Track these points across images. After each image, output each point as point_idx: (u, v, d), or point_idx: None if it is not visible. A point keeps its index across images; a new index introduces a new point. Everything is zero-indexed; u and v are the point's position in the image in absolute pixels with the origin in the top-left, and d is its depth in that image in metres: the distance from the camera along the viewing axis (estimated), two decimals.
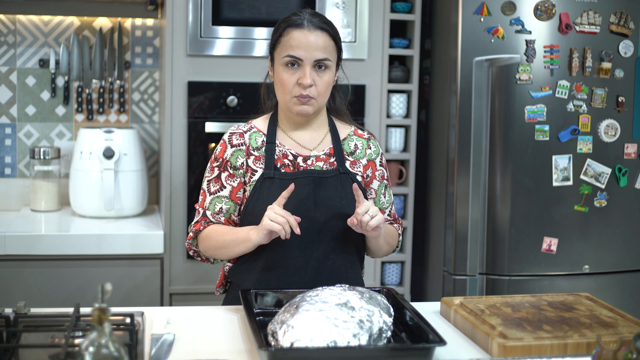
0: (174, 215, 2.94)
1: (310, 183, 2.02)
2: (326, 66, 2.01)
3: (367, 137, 2.16)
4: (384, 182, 2.16)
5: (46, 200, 3.21)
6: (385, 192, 2.17)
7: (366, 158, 2.13)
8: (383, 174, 2.16)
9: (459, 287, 2.98)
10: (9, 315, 1.74)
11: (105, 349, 1.21)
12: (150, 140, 3.42)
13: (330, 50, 2.02)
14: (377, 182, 2.14)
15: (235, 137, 2.09)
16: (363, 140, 2.15)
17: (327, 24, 2.03)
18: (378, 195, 2.15)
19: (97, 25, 3.35)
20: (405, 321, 1.79)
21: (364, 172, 2.12)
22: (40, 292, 2.80)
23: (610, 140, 3.00)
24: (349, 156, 2.11)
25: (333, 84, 2.08)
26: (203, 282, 2.97)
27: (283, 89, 2.02)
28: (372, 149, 2.15)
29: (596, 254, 3.02)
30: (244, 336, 1.77)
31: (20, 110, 3.33)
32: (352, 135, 2.15)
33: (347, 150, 2.11)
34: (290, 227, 1.87)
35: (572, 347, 1.67)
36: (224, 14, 2.92)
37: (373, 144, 2.16)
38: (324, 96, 2.04)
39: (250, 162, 2.06)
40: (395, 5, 3.13)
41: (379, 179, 2.15)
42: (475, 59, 2.91)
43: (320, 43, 2.00)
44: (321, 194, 2.03)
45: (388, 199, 2.18)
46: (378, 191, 2.15)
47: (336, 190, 2.04)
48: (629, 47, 3.00)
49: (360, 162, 2.12)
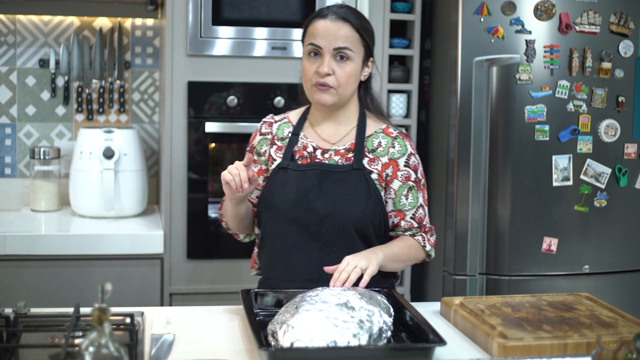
0: (174, 215, 2.94)
1: (317, 175, 2.06)
2: (347, 56, 2.04)
3: (394, 136, 2.12)
4: (409, 184, 2.10)
5: (46, 200, 3.21)
6: (409, 194, 2.10)
7: (388, 156, 2.10)
8: (408, 175, 2.10)
9: (459, 287, 2.98)
10: (9, 315, 1.74)
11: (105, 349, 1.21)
12: (150, 140, 3.42)
13: (352, 41, 2.04)
14: (398, 183, 2.09)
15: (264, 127, 2.20)
16: (389, 139, 2.11)
17: (352, 15, 2.06)
18: (398, 195, 2.09)
19: (97, 25, 3.35)
20: (405, 321, 1.79)
21: (383, 170, 2.09)
22: (40, 292, 2.80)
23: (610, 140, 3.00)
24: (370, 153, 2.10)
25: (357, 76, 2.08)
26: (203, 282, 2.97)
27: (304, 77, 2.08)
28: (397, 148, 2.10)
29: (596, 254, 3.02)
30: (244, 336, 1.77)
31: (20, 110, 3.33)
32: (380, 132, 2.13)
33: (369, 147, 2.10)
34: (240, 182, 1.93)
35: (572, 347, 1.67)
36: (224, 14, 2.92)
37: (399, 144, 2.11)
38: (345, 87, 2.06)
39: (272, 151, 2.15)
40: (395, 5, 3.13)
41: (402, 179, 2.09)
42: (475, 59, 2.91)
43: (341, 33, 2.03)
44: (326, 187, 2.05)
45: (411, 201, 2.10)
46: (398, 192, 2.09)
47: (342, 184, 2.06)
48: (629, 47, 3.00)
49: (380, 160, 2.09)
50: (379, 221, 2.09)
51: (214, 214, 3.03)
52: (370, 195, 2.07)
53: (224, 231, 3.02)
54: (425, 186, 2.15)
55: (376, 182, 2.08)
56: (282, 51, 2.97)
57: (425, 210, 2.14)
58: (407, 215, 2.11)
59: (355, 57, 2.05)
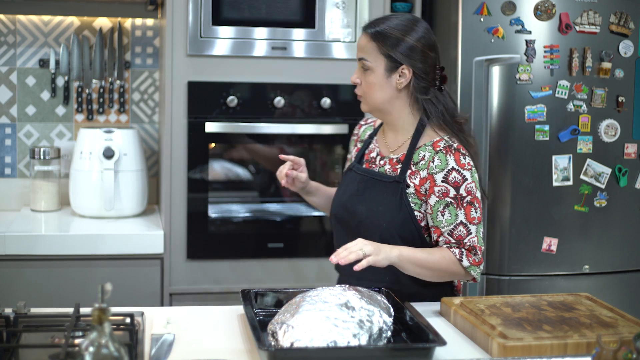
0: (174, 215, 2.94)
1: (365, 181, 2.14)
2: (367, 67, 2.08)
3: (438, 150, 2.04)
4: (446, 200, 2.00)
5: (46, 200, 3.21)
6: (445, 211, 2.01)
7: (427, 171, 2.04)
8: (446, 191, 2.00)
9: None
10: (9, 315, 1.74)
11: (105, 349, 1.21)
12: (150, 140, 3.42)
13: (367, 50, 2.07)
14: (434, 198, 2.02)
15: (356, 128, 2.36)
16: (432, 152, 2.04)
17: (374, 24, 2.08)
18: (434, 211, 2.02)
19: (97, 25, 3.35)
20: (405, 321, 1.79)
21: (421, 184, 2.04)
22: (40, 292, 2.80)
23: (610, 140, 3.00)
24: (413, 166, 2.07)
25: (383, 85, 2.07)
26: (203, 282, 2.97)
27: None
28: (436, 162, 2.03)
29: (596, 254, 3.02)
30: (244, 336, 1.77)
31: (20, 110, 3.33)
32: (429, 145, 2.07)
33: (414, 160, 2.07)
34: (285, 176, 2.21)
35: (572, 347, 1.67)
36: (224, 14, 2.92)
37: (439, 158, 2.03)
38: (369, 96, 2.10)
39: (354, 151, 2.30)
40: (395, 5, 3.13)
41: (439, 195, 2.01)
42: (475, 59, 2.91)
43: (361, 44, 2.10)
44: (368, 194, 2.12)
45: (448, 218, 2.01)
46: (434, 208, 2.02)
47: (381, 194, 2.09)
48: (629, 47, 3.00)
49: (419, 174, 2.05)
50: (410, 235, 2.06)
51: (214, 214, 3.03)
52: (401, 209, 2.05)
53: (224, 231, 3.04)
54: (472, 204, 2.01)
55: (413, 196, 2.05)
56: (282, 51, 2.97)
57: (470, 229, 2.01)
58: (445, 232, 2.03)
59: (374, 67, 2.07)
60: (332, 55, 3.00)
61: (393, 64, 2.06)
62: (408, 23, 2.08)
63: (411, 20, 2.10)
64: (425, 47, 2.09)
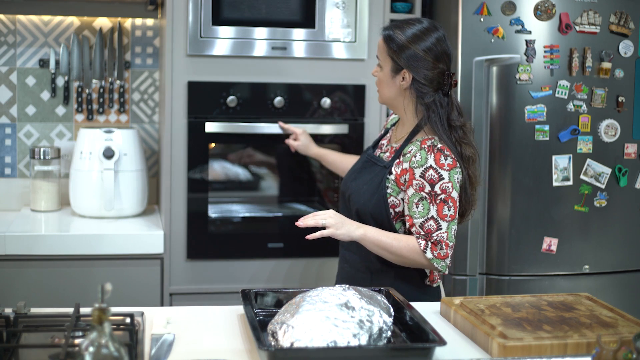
0: (174, 215, 2.94)
1: (365, 162, 2.38)
2: (379, 64, 2.32)
3: (422, 148, 2.20)
4: (421, 194, 2.16)
5: (46, 200, 3.21)
6: (419, 204, 2.16)
7: (409, 164, 2.21)
8: (422, 186, 2.16)
9: (459, 287, 2.98)
10: (9, 315, 1.74)
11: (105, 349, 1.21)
12: (150, 140, 3.42)
13: (380, 50, 2.30)
14: (412, 190, 2.19)
15: (387, 118, 2.64)
16: (416, 149, 2.21)
17: (388, 29, 2.29)
18: (410, 202, 2.18)
19: (97, 25, 3.35)
20: (405, 321, 1.80)
21: (402, 174, 2.22)
22: (40, 292, 2.80)
23: (610, 140, 3.00)
24: (402, 156, 2.26)
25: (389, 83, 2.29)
26: (203, 282, 2.97)
27: None
28: (417, 158, 2.19)
29: (596, 254, 3.02)
30: (244, 336, 1.77)
31: (20, 110, 3.33)
32: (418, 141, 2.24)
33: (404, 152, 2.26)
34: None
35: (572, 347, 1.67)
36: (224, 14, 2.92)
37: (420, 155, 2.19)
38: (380, 90, 2.34)
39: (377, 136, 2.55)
40: (395, 5, 3.13)
41: (416, 188, 2.17)
42: (475, 59, 2.91)
43: (378, 43, 2.32)
44: (363, 173, 2.35)
45: (421, 211, 2.16)
46: (411, 199, 2.18)
47: (368, 175, 2.31)
48: (629, 47, 3.00)
49: (402, 165, 2.23)
50: (380, 217, 2.26)
51: (214, 214, 3.03)
52: (378, 191, 2.26)
53: (224, 231, 3.04)
54: (445, 202, 2.15)
55: (393, 183, 2.24)
56: (282, 51, 2.97)
57: (441, 225, 2.15)
58: (416, 223, 2.17)
59: (383, 66, 2.30)
60: (332, 55, 3.00)
61: (397, 66, 2.26)
62: (419, 33, 2.24)
63: (424, 30, 2.24)
64: (432, 57, 2.22)
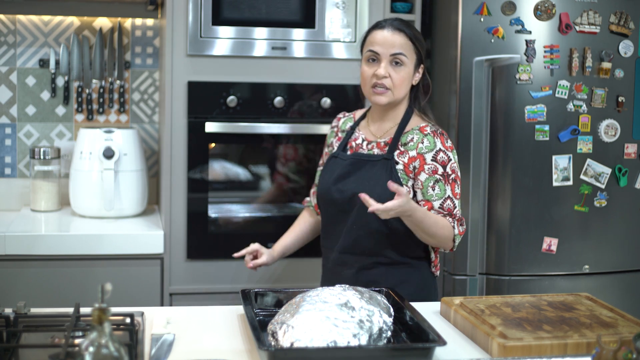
0: (174, 215, 2.94)
1: (354, 163, 2.36)
2: (402, 62, 2.31)
3: (426, 134, 2.31)
4: (435, 177, 2.27)
5: (46, 200, 3.21)
6: (435, 186, 2.27)
7: (416, 151, 2.29)
8: (435, 168, 2.27)
9: (459, 287, 2.98)
10: (9, 315, 1.74)
11: (105, 349, 1.21)
12: (150, 140, 3.42)
13: (406, 47, 2.31)
14: (424, 175, 2.27)
15: (334, 121, 2.57)
16: (420, 135, 2.31)
17: (406, 27, 2.34)
18: (425, 187, 2.28)
19: (97, 25, 3.35)
20: (405, 321, 1.80)
21: (410, 162, 2.29)
22: (40, 292, 2.80)
23: (610, 140, 3.00)
24: (402, 146, 2.32)
25: (410, 80, 2.35)
26: (203, 282, 2.97)
27: (363, 81, 2.36)
28: (425, 143, 2.29)
29: (596, 254, 3.02)
30: (244, 336, 1.77)
31: (20, 110, 3.33)
32: (416, 129, 2.33)
33: (403, 141, 2.32)
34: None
35: (572, 347, 1.67)
36: (224, 14, 2.92)
37: (428, 140, 2.30)
38: (399, 90, 2.32)
39: (334, 141, 2.51)
40: (395, 5, 3.13)
41: (429, 172, 2.27)
42: (475, 59, 2.91)
43: (396, 41, 2.31)
44: (358, 173, 2.33)
45: (438, 192, 2.27)
46: (425, 183, 2.27)
47: (371, 170, 2.31)
48: (629, 47, 3.00)
49: (408, 153, 2.30)
50: None
51: (214, 214, 3.03)
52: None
53: (224, 231, 3.04)
54: (455, 181, 2.30)
55: (402, 172, 2.29)
56: (282, 51, 2.97)
57: (455, 202, 2.29)
58: (435, 205, 2.27)
59: (408, 63, 2.32)
60: (332, 55, 3.00)
61: (418, 62, 2.36)
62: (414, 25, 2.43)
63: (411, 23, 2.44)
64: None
